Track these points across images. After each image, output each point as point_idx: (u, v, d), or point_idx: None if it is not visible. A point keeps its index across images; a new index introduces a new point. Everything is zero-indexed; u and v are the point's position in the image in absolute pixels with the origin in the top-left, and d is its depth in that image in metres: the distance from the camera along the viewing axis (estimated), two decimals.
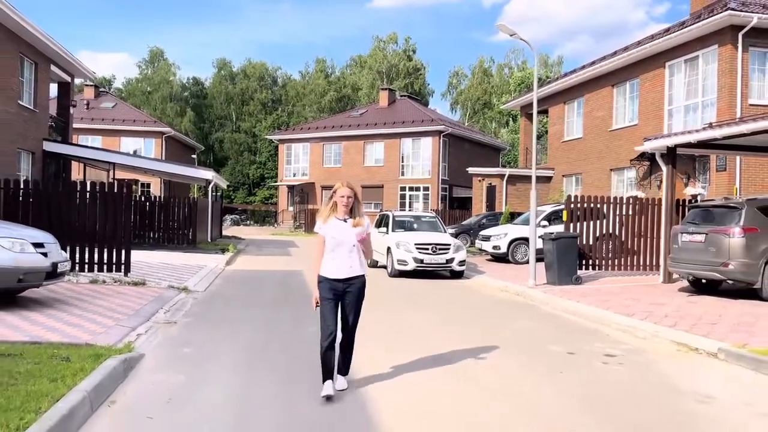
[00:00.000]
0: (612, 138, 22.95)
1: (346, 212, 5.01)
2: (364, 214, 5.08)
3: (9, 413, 3.79)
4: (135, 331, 7.05)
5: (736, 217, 10.13)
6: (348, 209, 5.00)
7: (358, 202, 5.06)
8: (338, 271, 4.96)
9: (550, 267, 12.61)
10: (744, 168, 17.90)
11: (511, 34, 12.73)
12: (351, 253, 4.97)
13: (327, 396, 4.80)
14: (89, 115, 40.02)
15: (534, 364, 6.27)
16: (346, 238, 4.95)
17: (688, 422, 4.59)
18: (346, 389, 5.05)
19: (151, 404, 4.67)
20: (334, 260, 4.97)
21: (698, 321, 8.25)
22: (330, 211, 5.03)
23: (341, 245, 4.95)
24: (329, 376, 4.93)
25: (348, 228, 4.98)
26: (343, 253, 4.96)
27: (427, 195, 39.80)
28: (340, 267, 4.96)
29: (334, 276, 4.96)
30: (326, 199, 5.17)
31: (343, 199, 4.98)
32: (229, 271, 15.31)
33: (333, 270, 4.97)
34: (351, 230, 4.98)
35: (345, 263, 4.96)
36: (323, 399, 4.78)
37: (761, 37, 17.75)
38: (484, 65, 66.97)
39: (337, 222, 5.00)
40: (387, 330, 7.89)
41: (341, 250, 4.96)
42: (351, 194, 4.99)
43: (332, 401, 4.78)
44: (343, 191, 4.99)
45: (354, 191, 5.03)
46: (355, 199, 5.03)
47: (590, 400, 5.11)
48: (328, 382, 4.91)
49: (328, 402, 4.77)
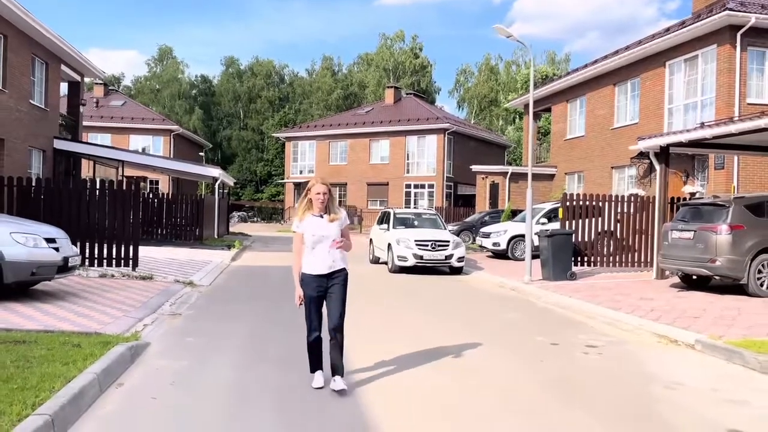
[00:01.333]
0: (613, 136, 23.17)
1: (321, 209, 5.05)
2: (338, 210, 5.15)
3: (25, 392, 4.18)
4: (141, 322, 7.45)
5: (724, 214, 10.42)
6: (323, 206, 5.05)
7: (332, 198, 5.14)
8: (321, 267, 5.02)
9: (546, 263, 12.92)
10: (742, 166, 18.11)
11: (508, 36, 13.04)
12: (332, 248, 5.02)
13: (318, 387, 5.02)
14: (98, 113, 40.60)
15: (518, 353, 6.62)
16: (327, 233, 5.01)
17: (654, 404, 4.92)
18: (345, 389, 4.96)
19: (155, 386, 5.06)
20: (315, 256, 5.02)
21: (682, 315, 8.56)
22: (305, 208, 5.10)
23: (322, 241, 5.00)
24: (318, 365, 5.14)
25: (326, 223, 5.04)
26: (324, 249, 5.01)
27: (432, 192, 40.12)
28: (322, 263, 5.02)
29: (317, 272, 5.03)
30: (300, 197, 5.21)
31: (319, 196, 5.03)
32: (234, 266, 15.73)
33: (315, 266, 5.02)
34: (330, 225, 5.05)
35: (327, 258, 5.02)
36: (315, 390, 4.96)
37: (759, 37, 17.93)
38: (491, 63, 67.11)
39: (314, 218, 5.05)
40: (384, 322, 8.25)
41: (322, 245, 5.01)
42: (326, 191, 5.05)
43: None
44: (318, 188, 5.05)
45: (328, 188, 5.10)
46: (330, 195, 5.10)
47: (563, 384, 5.45)
48: (318, 373, 5.12)
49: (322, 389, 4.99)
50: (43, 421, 3.70)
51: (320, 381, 5.10)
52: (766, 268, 10.24)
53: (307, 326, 5.12)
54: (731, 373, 5.99)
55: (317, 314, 5.10)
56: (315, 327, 5.08)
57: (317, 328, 5.09)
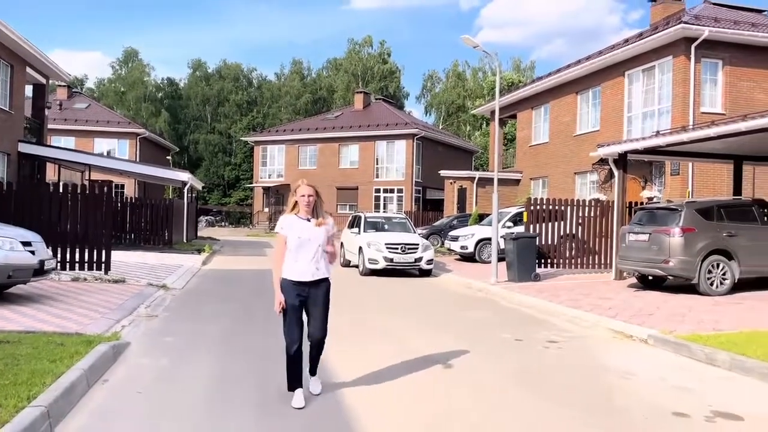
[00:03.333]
0: (576, 143, 23.96)
1: (308, 212, 4.75)
2: (326, 215, 4.84)
3: (18, 386, 4.37)
4: (119, 323, 7.61)
5: (677, 218, 11.06)
6: (310, 208, 4.75)
7: (320, 200, 4.82)
8: (303, 274, 4.71)
9: (511, 265, 13.42)
10: (696, 172, 19.03)
11: (474, 46, 13.54)
12: (317, 254, 4.73)
13: (299, 407, 4.62)
14: (62, 116, 39.92)
15: (482, 348, 7.01)
16: (312, 237, 4.71)
17: (607, 392, 5.36)
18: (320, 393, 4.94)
19: (140, 382, 5.28)
20: (298, 261, 4.71)
21: (638, 312, 9.10)
22: (291, 211, 4.82)
23: (306, 245, 4.70)
24: (298, 384, 4.74)
25: (312, 227, 4.73)
26: (308, 255, 4.71)
27: (401, 197, 40.58)
28: (305, 269, 4.71)
29: (299, 278, 4.70)
30: (288, 199, 4.90)
31: (305, 198, 4.72)
32: (206, 270, 15.83)
33: (297, 272, 4.71)
34: (317, 229, 4.74)
35: (311, 265, 4.72)
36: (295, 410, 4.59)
37: (712, 49, 18.88)
38: (459, 69, 68.08)
39: (300, 221, 4.76)
40: (356, 323, 8.56)
41: (306, 250, 4.70)
42: (312, 193, 4.74)
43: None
44: (303, 190, 4.74)
45: (315, 189, 4.78)
46: (317, 197, 4.79)
47: (526, 375, 5.87)
48: (299, 392, 4.73)
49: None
50: (39, 412, 3.91)
51: (301, 400, 4.69)
52: (716, 269, 10.91)
53: (286, 338, 4.72)
54: (679, 364, 6.49)
55: (298, 325, 4.73)
56: (295, 339, 4.68)
57: (297, 340, 4.69)
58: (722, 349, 6.48)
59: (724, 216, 11.25)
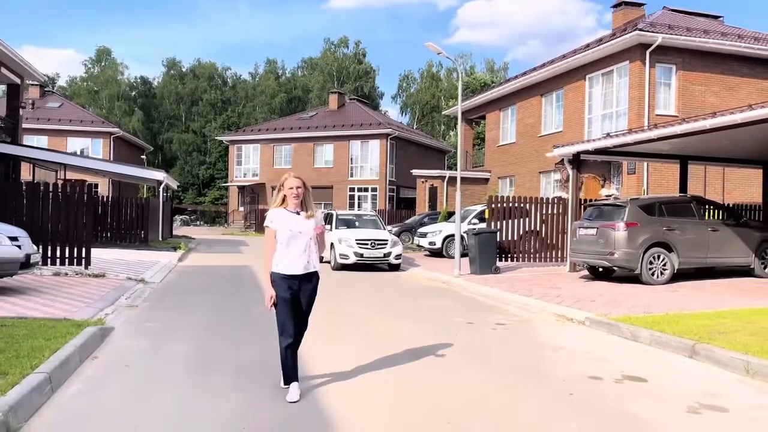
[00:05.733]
0: (541, 143, 24.95)
1: (297, 204, 4.73)
2: (315, 208, 4.85)
3: (21, 359, 5.01)
4: (103, 311, 8.20)
5: (621, 213, 12.00)
6: (299, 201, 4.72)
7: (308, 193, 4.79)
8: (294, 267, 4.69)
9: (473, 259, 14.26)
10: (651, 171, 20.16)
11: (438, 53, 14.34)
12: (308, 248, 4.72)
13: (294, 401, 4.59)
14: (35, 115, 39.78)
15: (437, 329, 7.80)
16: (303, 230, 4.69)
17: (539, 363, 6.17)
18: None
19: (127, 358, 5.94)
20: (289, 255, 4.68)
21: (582, 299, 9.98)
22: (279, 204, 4.78)
23: (297, 238, 4.68)
24: (294, 377, 4.73)
25: (303, 220, 4.73)
26: (299, 248, 4.69)
27: (375, 196, 41.36)
28: (296, 262, 4.68)
29: (291, 272, 4.68)
30: (275, 194, 4.84)
31: (293, 190, 4.69)
32: (182, 266, 16.38)
33: (288, 266, 4.68)
34: (308, 222, 4.73)
35: (302, 258, 4.70)
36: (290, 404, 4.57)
37: (666, 55, 20.01)
38: (433, 70, 69.12)
39: (289, 214, 4.73)
40: (327, 313, 9.25)
41: (297, 244, 4.69)
42: (300, 185, 4.72)
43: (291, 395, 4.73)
44: (291, 182, 4.72)
45: (303, 182, 4.76)
46: (305, 189, 4.76)
47: (471, 349, 6.66)
48: (294, 385, 4.70)
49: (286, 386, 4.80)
50: (43, 377, 4.57)
51: (296, 394, 4.66)
52: (657, 260, 11.87)
53: (280, 331, 4.72)
54: (607, 341, 7.35)
55: (291, 317, 4.70)
56: (290, 332, 4.68)
57: (293, 333, 4.70)
58: (646, 327, 7.35)
59: (664, 211, 12.23)
